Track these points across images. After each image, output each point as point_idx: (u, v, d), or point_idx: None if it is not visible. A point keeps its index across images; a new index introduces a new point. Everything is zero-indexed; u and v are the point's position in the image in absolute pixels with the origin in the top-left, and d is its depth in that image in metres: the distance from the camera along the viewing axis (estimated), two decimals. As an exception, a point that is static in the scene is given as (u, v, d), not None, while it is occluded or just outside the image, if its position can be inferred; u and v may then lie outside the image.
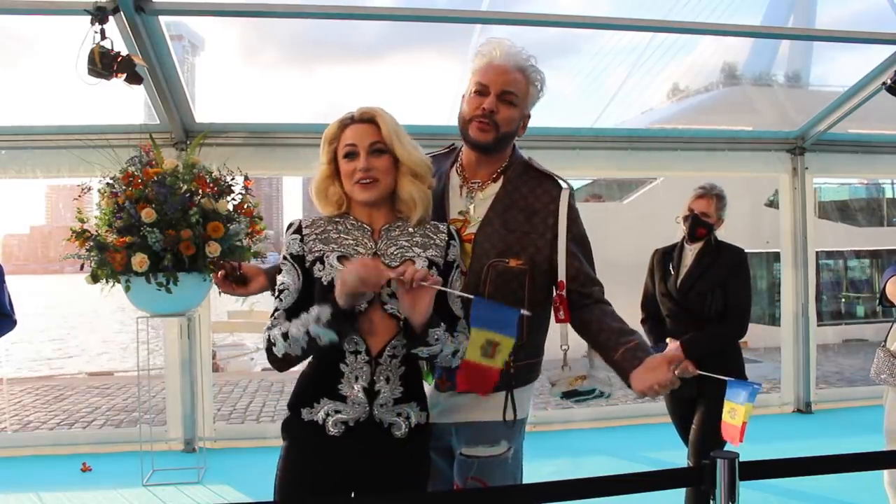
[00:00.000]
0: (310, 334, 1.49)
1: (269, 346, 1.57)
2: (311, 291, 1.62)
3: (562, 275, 1.75)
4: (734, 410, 2.52)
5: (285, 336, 1.53)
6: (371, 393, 1.59)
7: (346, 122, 1.66)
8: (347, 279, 1.44)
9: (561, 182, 1.83)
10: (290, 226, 1.68)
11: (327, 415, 1.58)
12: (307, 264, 1.62)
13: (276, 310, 1.62)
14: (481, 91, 1.75)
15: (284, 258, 1.65)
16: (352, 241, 1.64)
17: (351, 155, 1.63)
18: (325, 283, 1.58)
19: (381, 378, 1.59)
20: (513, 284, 1.72)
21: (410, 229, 1.68)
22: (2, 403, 7.08)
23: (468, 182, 1.84)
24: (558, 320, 1.77)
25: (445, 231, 1.70)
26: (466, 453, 1.80)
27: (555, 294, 1.79)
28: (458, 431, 1.82)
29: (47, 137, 4.44)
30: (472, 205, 1.81)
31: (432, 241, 1.67)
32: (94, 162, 3.73)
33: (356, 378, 1.58)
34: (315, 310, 1.49)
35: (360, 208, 1.68)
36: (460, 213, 1.82)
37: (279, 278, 1.65)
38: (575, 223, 1.79)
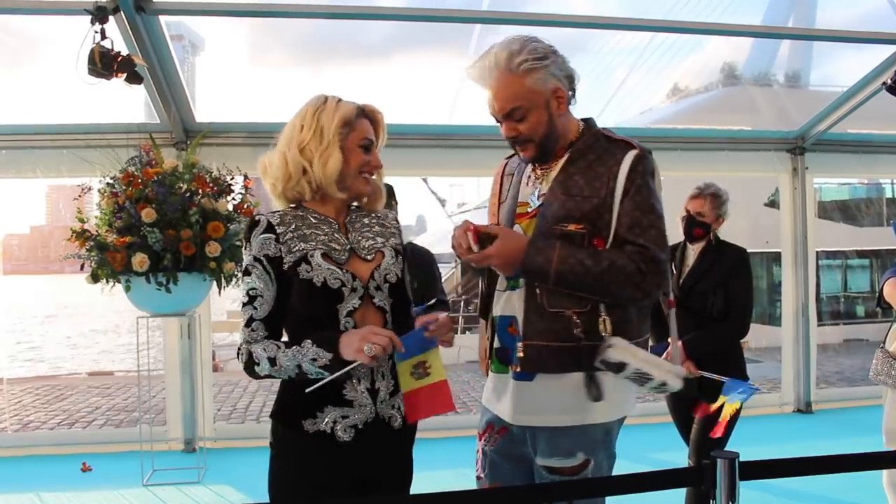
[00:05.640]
0: (301, 368, 1.51)
1: (251, 361, 1.54)
2: (286, 294, 1.57)
3: (609, 239, 1.65)
4: (726, 406, 2.53)
5: (272, 361, 1.52)
6: (373, 392, 1.59)
7: (360, 114, 1.64)
8: (365, 354, 1.44)
9: (633, 145, 1.69)
10: (255, 224, 1.59)
11: (335, 422, 1.56)
12: (286, 266, 1.56)
13: (252, 319, 1.56)
14: (497, 120, 1.73)
15: (256, 259, 1.56)
16: (324, 237, 1.61)
17: (367, 148, 1.63)
18: (317, 284, 1.54)
19: (379, 375, 1.60)
20: None
21: (366, 220, 1.69)
22: (2, 403, 7.07)
23: (539, 167, 1.78)
24: None
25: (393, 216, 1.77)
26: (542, 464, 1.71)
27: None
28: (535, 437, 1.72)
29: (47, 137, 4.44)
30: (539, 187, 1.75)
31: (388, 230, 1.71)
32: (94, 162, 3.73)
33: (359, 380, 1.57)
34: (312, 349, 1.49)
35: (325, 201, 1.65)
36: (530, 198, 1.76)
37: (248, 282, 1.57)
38: (635, 184, 1.64)
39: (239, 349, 1.58)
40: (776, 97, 16.12)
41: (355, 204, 1.72)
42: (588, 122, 1.79)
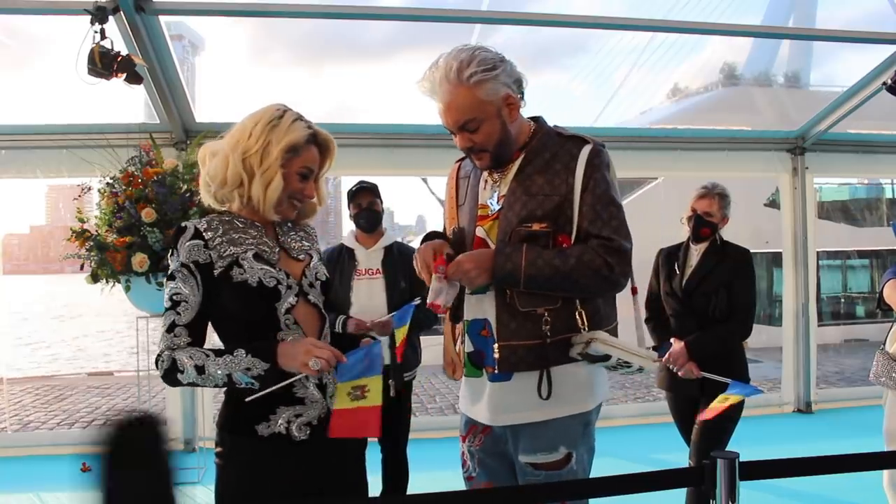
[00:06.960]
0: (231, 377, 1.47)
1: (173, 369, 1.49)
2: (212, 302, 1.54)
3: (573, 234, 1.68)
4: (726, 399, 2.53)
5: (199, 369, 1.47)
6: (322, 387, 1.59)
7: (311, 140, 1.60)
8: (311, 368, 1.43)
9: (587, 140, 1.72)
10: (182, 231, 1.55)
11: (289, 422, 1.54)
12: (217, 271, 1.53)
13: (174, 325, 1.52)
14: (451, 131, 1.74)
15: (183, 265, 1.53)
16: (253, 240, 1.59)
17: (305, 176, 1.61)
18: (252, 284, 1.53)
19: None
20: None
21: (289, 224, 1.70)
22: (2, 403, 7.07)
23: (496, 171, 1.79)
24: None
25: (313, 226, 1.78)
26: (526, 461, 1.72)
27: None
28: (517, 436, 1.74)
29: (47, 137, 4.44)
30: (497, 190, 1.76)
31: (310, 235, 1.74)
32: (94, 162, 3.73)
33: (307, 377, 1.56)
34: (246, 359, 1.46)
35: (252, 211, 1.61)
36: (489, 201, 1.78)
37: (172, 287, 1.53)
38: (592, 178, 1.67)
39: (159, 356, 1.52)
40: (776, 97, 16.15)
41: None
42: (539, 122, 1.81)
